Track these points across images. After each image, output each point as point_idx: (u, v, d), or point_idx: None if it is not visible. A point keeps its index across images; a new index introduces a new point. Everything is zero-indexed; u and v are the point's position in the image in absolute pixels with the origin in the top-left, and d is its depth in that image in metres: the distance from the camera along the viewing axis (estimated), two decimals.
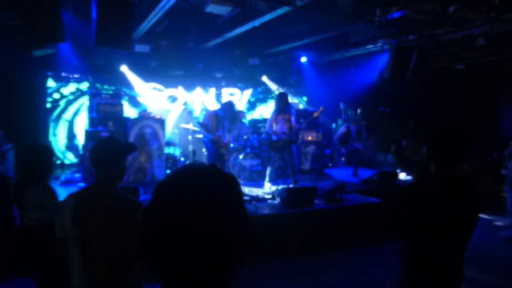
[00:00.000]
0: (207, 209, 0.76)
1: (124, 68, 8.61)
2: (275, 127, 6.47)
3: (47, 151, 2.98)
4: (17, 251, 2.90)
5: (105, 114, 7.20)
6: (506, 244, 5.77)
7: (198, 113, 9.96)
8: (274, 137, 6.50)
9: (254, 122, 9.50)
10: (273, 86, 10.81)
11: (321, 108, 6.66)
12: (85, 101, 8.70)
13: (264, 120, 9.48)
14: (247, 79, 10.40)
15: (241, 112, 9.05)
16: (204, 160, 7.61)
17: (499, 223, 6.35)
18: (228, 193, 0.81)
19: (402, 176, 7.52)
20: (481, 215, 2.03)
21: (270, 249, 4.83)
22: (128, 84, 9.04)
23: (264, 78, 10.60)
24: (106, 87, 9.01)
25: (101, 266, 1.88)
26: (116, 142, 2.06)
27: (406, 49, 6.91)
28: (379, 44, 7.87)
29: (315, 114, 6.59)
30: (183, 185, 0.79)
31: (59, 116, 8.60)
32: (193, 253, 0.75)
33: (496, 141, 8.24)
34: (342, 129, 8.63)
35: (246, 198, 6.02)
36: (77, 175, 7.26)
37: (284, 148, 6.47)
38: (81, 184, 6.60)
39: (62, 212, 2.01)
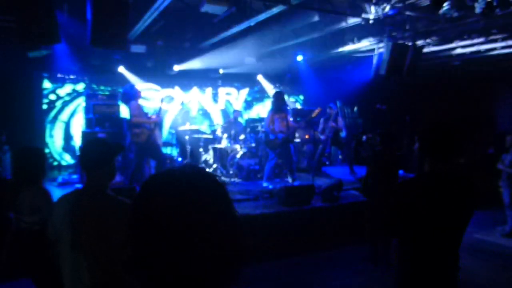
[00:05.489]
0: (189, 210, 0.73)
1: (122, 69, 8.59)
2: (272, 126, 6.49)
3: (40, 154, 2.97)
4: (15, 254, 2.90)
5: (101, 115, 7.19)
6: (503, 239, 5.82)
7: (195, 113, 9.96)
8: (271, 136, 6.52)
9: (251, 121, 9.51)
10: (268, 85, 10.79)
11: (319, 108, 6.68)
12: (81, 102, 8.68)
13: (261, 119, 9.50)
14: (244, 79, 10.41)
15: (236, 111, 9.07)
16: (212, 159, 7.64)
17: (495, 218, 6.39)
18: (211, 193, 0.78)
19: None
20: (478, 210, 2.04)
21: (268, 248, 4.84)
22: (124, 85, 9.02)
23: (260, 77, 10.58)
24: (102, 87, 9.00)
25: (92, 268, 1.88)
26: (103, 144, 2.06)
27: (402, 46, 6.93)
28: (374, 42, 7.88)
29: (313, 115, 6.61)
30: (164, 188, 0.77)
31: (55, 118, 8.57)
32: (178, 259, 0.71)
33: (492, 136, 8.29)
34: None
35: (244, 197, 6.03)
36: (74, 176, 7.25)
37: (281, 147, 6.49)
38: (78, 186, 6.59)
39: (54, 213, 2.02)
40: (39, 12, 4.18)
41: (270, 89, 10.74)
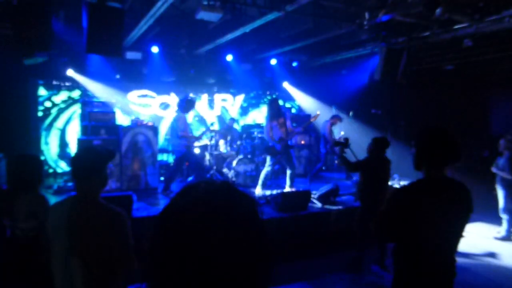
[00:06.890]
0: (226, 230, 0.70)
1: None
2: (270, 133, 6.45)
3: (36, 161, 2.96)
4: (10, 261, 2.87)
5: (97, 122, 7.17)
6: (498, 241, 5.84)
7: (191, 119, 9.95)
8: (270, 143, 6.47)
9: (247, 127, 9.51)
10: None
11: (318, 112, 6.65)
12: (77, 109, 8.66)
13: (257, 125, 9.51)
14: (239, 85, 10.44)
15: (232, 119, 9.10)
16: (208, 165, 7.72)
17: (490, 221, 6.42)
18: (245, 211, 0.75)
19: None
20: (473, 213, 2.05)
21: None
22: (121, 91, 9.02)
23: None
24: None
25: (82, 275, 1.88)
26: (94, 153, 2.05)
27: (396, 51, 7.00)
28: (369, 47, 7.96)
29: (312, 119, 6.58)
30: (199, 207, 0.72)
31: (50, 125, 8.54)
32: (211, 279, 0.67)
33: (487, 139, 8.36)
34: (326, 124, 8.48)
35: None
36: (70, 183, 7.21)
37: (282, 153, 6.45)
38: (74, 193, 6.55)
39: (47, 220, 2.04)
40: (35, 20, 4.20)
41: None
